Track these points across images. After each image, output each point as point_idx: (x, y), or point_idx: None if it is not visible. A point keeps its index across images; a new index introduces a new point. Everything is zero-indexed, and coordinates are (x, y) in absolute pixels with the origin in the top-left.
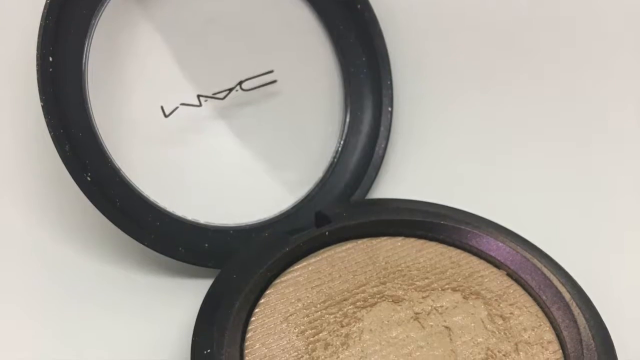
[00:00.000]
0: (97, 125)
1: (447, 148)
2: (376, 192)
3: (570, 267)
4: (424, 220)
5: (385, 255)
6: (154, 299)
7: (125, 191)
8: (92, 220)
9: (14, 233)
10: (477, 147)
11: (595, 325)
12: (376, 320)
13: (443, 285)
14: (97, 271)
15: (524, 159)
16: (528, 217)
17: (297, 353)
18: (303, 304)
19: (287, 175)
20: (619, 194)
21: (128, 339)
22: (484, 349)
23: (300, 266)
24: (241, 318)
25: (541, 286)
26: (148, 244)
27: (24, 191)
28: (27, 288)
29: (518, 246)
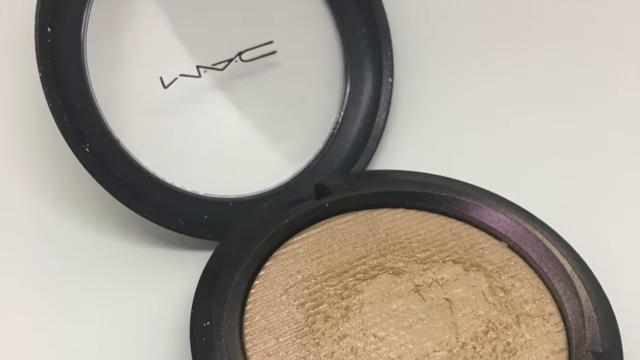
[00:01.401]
0: (95, 96)
1: (447, 119)
2: (376, 163)
3: (571, 239)
4: (425, 191)
5: (385, 227)
6: (153, 271)
7: (124, 162)
8: (90, 192)
9: (13, 205)
10: (478, 117)
11: (597, 297)
12: (376, 293)
13: (444, 258)
14: (96, 243)
15: (525, 129)
16: (529, 188)
17: (297, 325)
18: (303, 276)
19: (287, 146)
20: (621, 164)
21: (127, 311)
22: (484, 321)
23: (300, 238)
24: (241, 290)
25: (542, 258)
26: (147, 216)
27: (23, 163)
28: (26, 260)
29: (519, 218)
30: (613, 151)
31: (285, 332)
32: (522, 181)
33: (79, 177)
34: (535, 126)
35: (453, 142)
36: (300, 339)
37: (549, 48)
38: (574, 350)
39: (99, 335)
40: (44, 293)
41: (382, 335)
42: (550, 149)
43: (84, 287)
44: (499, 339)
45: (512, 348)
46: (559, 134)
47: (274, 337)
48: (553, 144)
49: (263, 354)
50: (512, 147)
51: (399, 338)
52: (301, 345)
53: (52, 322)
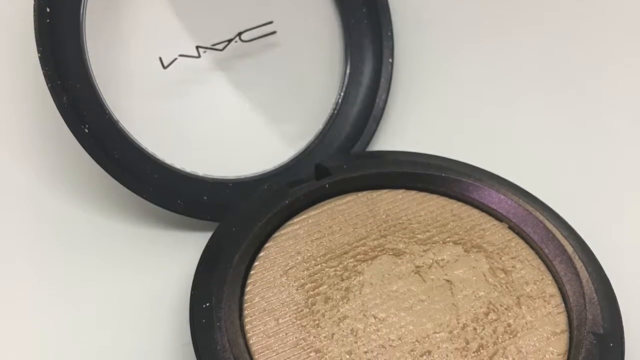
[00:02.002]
0: (95, 77)
1: (448, 100)
2: (377, 144)
3: (572, 220)
4: (425, 172)
5: (385, 208)
6: (152, 252)
7: (124, 143)
8: (90, 173)
9: (11, 185)
10: (479, 98)
11: (598, 279)
12: (377, 274)
13: (444, 239)
14: (95, 224)
15: (526, 111)
16: (530, 169)
17: (297, 307)
18: (303, 257)
19: (287, 127)
20: (622, 145)
21: (126, 293)
22: (485, 303)
23: (300, 219)
24: (240, 271)
25: (543, 239)
26: (146, 197)
27: (22, 143)
28: (25, 241)
29: (520, 199)
30: (614, 133)
31: (285, 313)
32: (523, 162)
33: (78, 158)
34: (536, 107)
35: (454, 123)
36: (300, 321)
37: (550, 31)
38: (574, 331)
39: (99, 316)
40: (43, 274)
41: (382, 316)
42: (551, 130)
43: (83, 269)
44: (499, 320)
45: (512, 329)
46: (560, 116)
47: (273, 319)
48: (554, 125)
49: (263, 335)
50: (513, 128)
51: (399, 319)
52: (301, 326)
53: (52, 303)
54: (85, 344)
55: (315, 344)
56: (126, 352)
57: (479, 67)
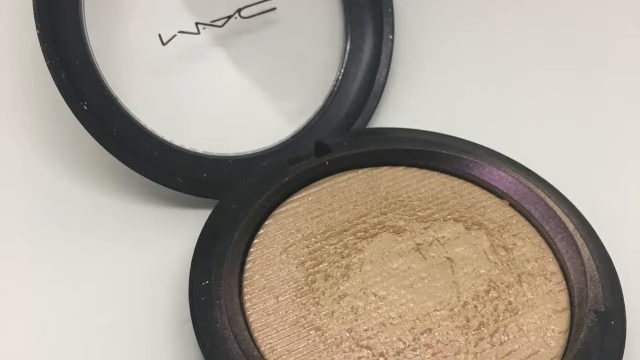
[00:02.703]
0: (93, 54)
1: (449, 76)
2: (377, 121)
3: (574, 198)
4: (426, 149)
5: (386, 186)
6: (151, 229)
7: (123, 120)
8: (89, 150)
9: (10, 163)
10: (479, 75)
11: (599, 256)
12: (377, 251)
13: (445, 216)
14: (94, 202)
15: (527, 87)
16: (531, 146)
17: (297, 284)
18: (303, 235)
19: (287, 104)
20: (623, 122)
21: (125, 270)
22: (486, 281)
23: (300, 196)
24: (240, 249)
25: (544, 217)
26: (146, 174)
27: (20, 120)
28: (23, 218)
29: (521, 176)
30: (615, 109)
31: (284, 291)
32: (523, 139)
33: (77, 135)
34: (537, 84)
35: (454, 100)
36: (300, 298)
37: (550, 7)
38: (576, 309)
39: (98, 294)
40: (41, 252)
41: (382, 294)
42: (552, 107)
43: (82, 246)
44: (500, 298)
45: (513, 307)
46: (561, 92)
47: (273, 296)
48: (555, 102)
49: (262, 313)
50: (513, 105)
51: (400, 297)
52: (301, 304)
53: (51, 281)
54: (84, 322)
55: (315, 322)
56: (125, 330)
57: (479, 44)
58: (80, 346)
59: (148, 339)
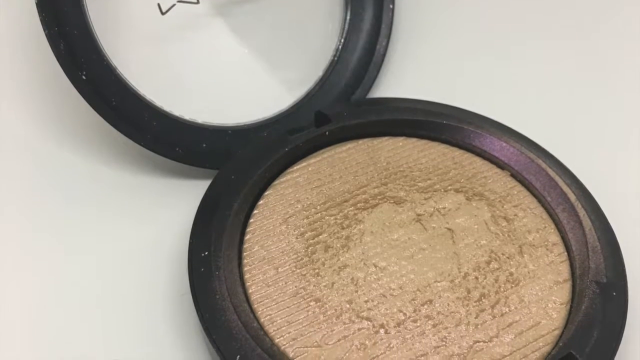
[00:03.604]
0: (92, 23)
1: (449, 46)
2: (377, 91)
3: (575, 168)
4: (426, 119)
5: (386, 156)
6: (150, 200)
7: (121, 90)
8: (87, 121)
9: (9, 134)
10: (480, 45)
11: (601, 227)
12: (377, 222)
13: (446, 187)
14: (93, 172)
15: (528, 57)
16: (532, 116)
17: (297, 255)
18: (303, 206)
19: (287, 74)
20: (625, 91)
21: (123, 241)
22: (487, 251)
23: (300, 167)
24: (239, 220)
25: (546, 187)
26: (145, 145)
27: (19, 91)
28: (23, 189)
29: (522, 146)
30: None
31: (284, 262)
32: (525, 109)
33: (75, 106)
34: (538, 54)
35: (455, 70)
36: (300, 269)
37: None
38: (577, 280)
39: (97, 265)
40: (42, 223)
41: (383, 265)
42: (554, 77)
43: (81, 217)
44: (501, 269)
45: (515, 278)
46: (562, 62)
47: (273, 267)
48: (556, 72)
49: (262, 284)
50: (515, 75)
51: (400, 268)
52: (301, 275)
53: (50, 251)
54: (84, 294)
55: (315, 293)
56: (124, 301)
57: (480, 14)
58: (80, 317)
59: (147, 310)
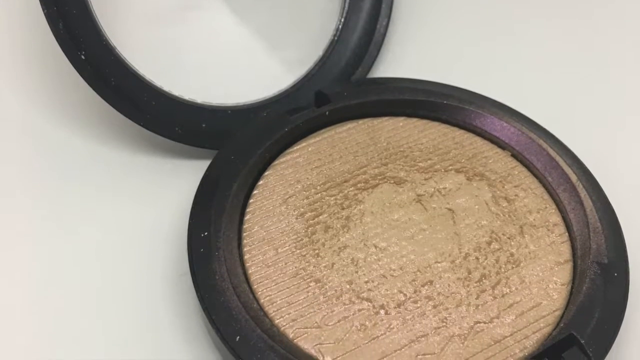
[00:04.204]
0: (91, 3)
1: (450, 26)
2: (377, 71)
3: (576, 148)
4: (427, 99)
5: (386, 136)
6: (149, 180)
7: (120, 70)
8: (86, 101)
9: (8, 114)
10: (481, 24)
11: (602, 208)
12: (378, 203)
13: (446, 167)
14: (92, 152)
15: (529, 36)
16: (533, 96)
17: (297, 236)
18: (302, 186)
19: (287, 54)
20: (627, 72)
21: (123, 222)
22: (488, 232)
23: (300, 147)
24: (239, 200)
25: (547, 167)
26: (144, 124)
27: (17, 71)
28: (22, 170)
29: (523, 126)
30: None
31: (284, 242)
32: (526, 89)
33: (75, 86)
34: (539, 34)
35: (456, 49)
36: (300, 250)
37: None
38: (578, 261)
39: (96, 246)
40: (41, 202)
41: (383, 246)
42: (555, 57)
43: (80, 198)
44: (502, 249)
45: (515, 259)
46: (563, 42)
47: (273, 248)
48: (557, 51)
49: (262, 265)
50: (516, 55)
51: (401, 249)
52: (301, 256)
53: (51, 232)
54: (82, 274)
55: (315, 274)
56: (123, 282)
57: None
58: (78, 298)
59: (146, 291)
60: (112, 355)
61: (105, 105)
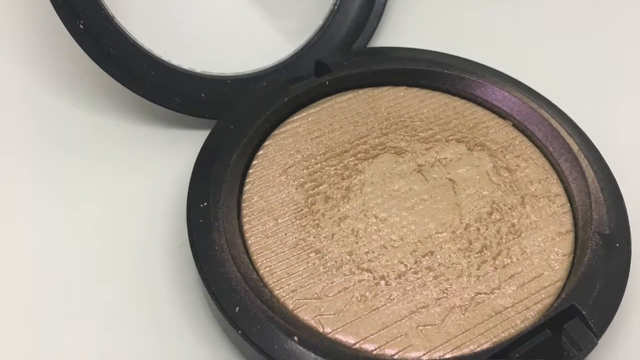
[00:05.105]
0: None
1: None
2: (378, 40)
3: (578, 118)
4: (428, 69)
5: (387, 106)
6: (149, 151)
7: (119, 40)
8: (85, 71)
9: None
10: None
11: (604, 178)
12: (378, 173)
13: (447, 137)
14: (91, 123)
15: (531, 5)
16: (534, 66)
17: (297, 206)
18: (302, 156)
19: (286, 23)
20: (628, 40)
21: (121, 192)
22: (489, 202)
23: (300, 117)
24: (239, 170)
25: (548, 137)
26: (143, 94)
27: (16, 41)
28: (21, 140)
29: (524, 96)
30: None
31: (284, 213)
32: (527, 59)
33: (73, 55)
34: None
35: (457, 19)
36: (300, 220)
37: None
38: (580, 231)
39: (95, 216)
40: (40, 173)
41: (383, 216)
42: (556, 26)
43: (79, 168)
44: (503, 220)
45: (517, 230)
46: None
47: (272, 218)
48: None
49: (261, 235)
50: (517, 24)
51: (401, 219)
52: (300, 226)
53: (50, 202)
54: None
55: (315, 245)
56: (122, 252)
57: None
58: (78, 268)
59: (145, 261)
60: (111, 326)
61: (104, 75)
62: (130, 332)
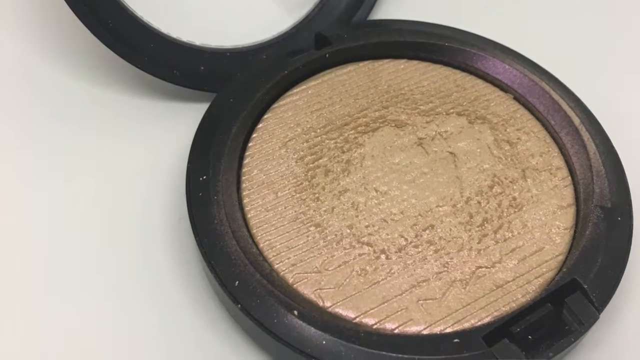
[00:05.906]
0: None
1: None
2: (378, 13)
3: (579, 91)
4: (428, 41)
5: (387, 79)
6: (148, 123)
7: (118, 11)
8: (84, 43)
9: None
10: None
11: (606, 151)
12: (378, 146)
13: (448, 110)
14: (90, 95)
15: None
16: (536, 38)
17: (296, 179)
18: (302, 129)
19: None
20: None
21: (121, 164)
22: (490, 176)
23: (300, 90)
24: (238, 143)
25: (549, 110)
26: (142, 67)
27: (15, 14)
28: (19, 113)
29: (525, 69)
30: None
31: (284, 186)
32: (529, 32)
33: (71, 28)
34: None
35: None
36: (300, 194)
37: None
38: (581, 205)
39: (95, 189)
40: (39, 146)
41: (384, 189)
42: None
43: (79, 140)
44: (504, 193)
45: (518, 203)
46: None
47: (272, 192)
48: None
49: (261, 209)
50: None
51: (402, 193)
52: (300, 200)
53: (50, 174)
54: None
55: (315, 218)
56: (121, 226)
57: None
58: (77, 241)
59: (144, 235)
60: (110, 299)
61: (103, 47)
62: (129, 307)
